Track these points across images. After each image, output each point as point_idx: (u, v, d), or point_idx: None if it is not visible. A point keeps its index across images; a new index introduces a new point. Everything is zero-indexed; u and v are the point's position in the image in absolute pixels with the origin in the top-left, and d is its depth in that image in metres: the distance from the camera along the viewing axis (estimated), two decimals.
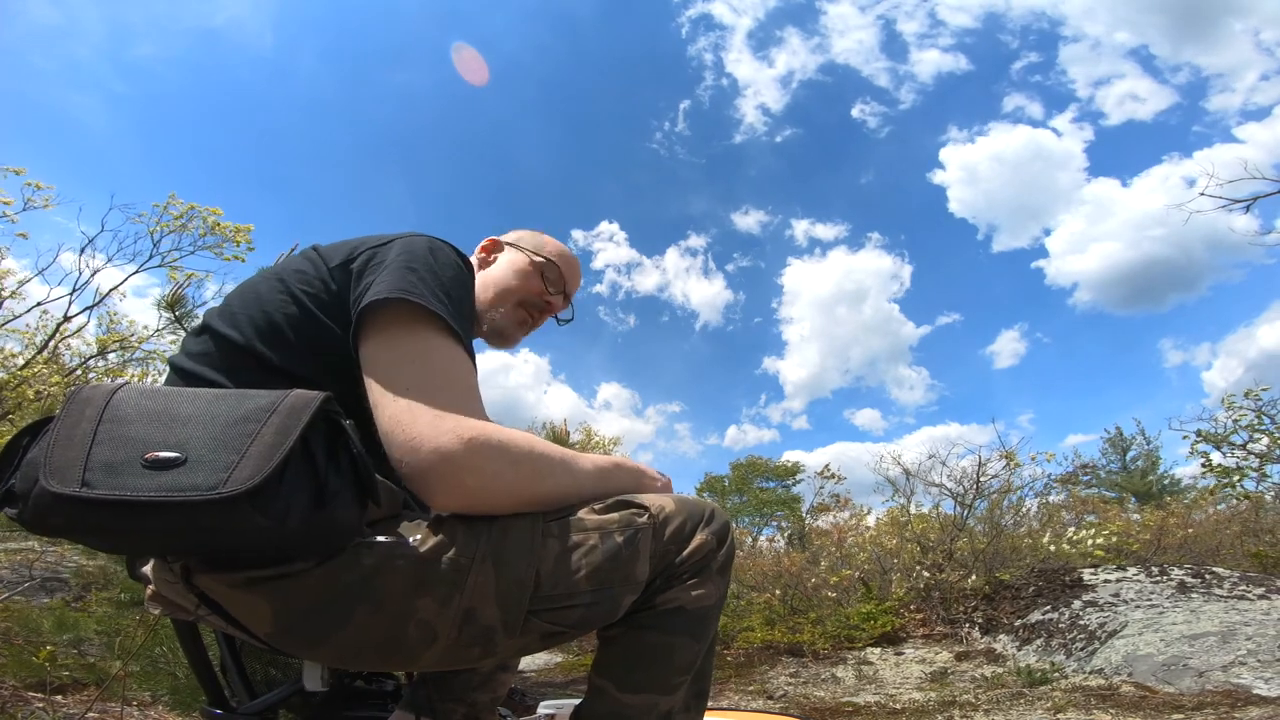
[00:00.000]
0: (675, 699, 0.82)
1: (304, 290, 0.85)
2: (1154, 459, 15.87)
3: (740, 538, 8.98)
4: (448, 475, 0.72)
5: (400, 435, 0.73)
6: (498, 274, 1.15)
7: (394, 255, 0.84)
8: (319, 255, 0.89)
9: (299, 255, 0.93)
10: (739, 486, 19.99)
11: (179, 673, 1.96)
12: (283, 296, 0.85)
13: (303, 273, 0.87)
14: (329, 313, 0.84)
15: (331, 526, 0.66)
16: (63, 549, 3.98)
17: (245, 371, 0.82)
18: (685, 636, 0.81)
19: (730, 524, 0.91)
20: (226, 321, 0.85)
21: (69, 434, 0.60)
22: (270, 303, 0.85)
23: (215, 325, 0.86)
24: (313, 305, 0.84)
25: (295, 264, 0.89)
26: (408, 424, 0.73)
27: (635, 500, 0.83)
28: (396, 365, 0.77)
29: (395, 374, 0.76)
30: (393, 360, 0.77)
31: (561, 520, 0.78)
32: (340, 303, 0.84)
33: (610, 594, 0.76)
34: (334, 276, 0.86)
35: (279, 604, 0.68)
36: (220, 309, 0.90)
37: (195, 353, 0.85)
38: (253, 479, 0.58)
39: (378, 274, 0.82)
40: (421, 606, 0.70)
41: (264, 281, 0.89)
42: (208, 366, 0.83)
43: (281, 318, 0.83)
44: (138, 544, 0.66)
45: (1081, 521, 6.28)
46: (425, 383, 0.76)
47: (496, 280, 1.14)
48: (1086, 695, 2.85)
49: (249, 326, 0.84)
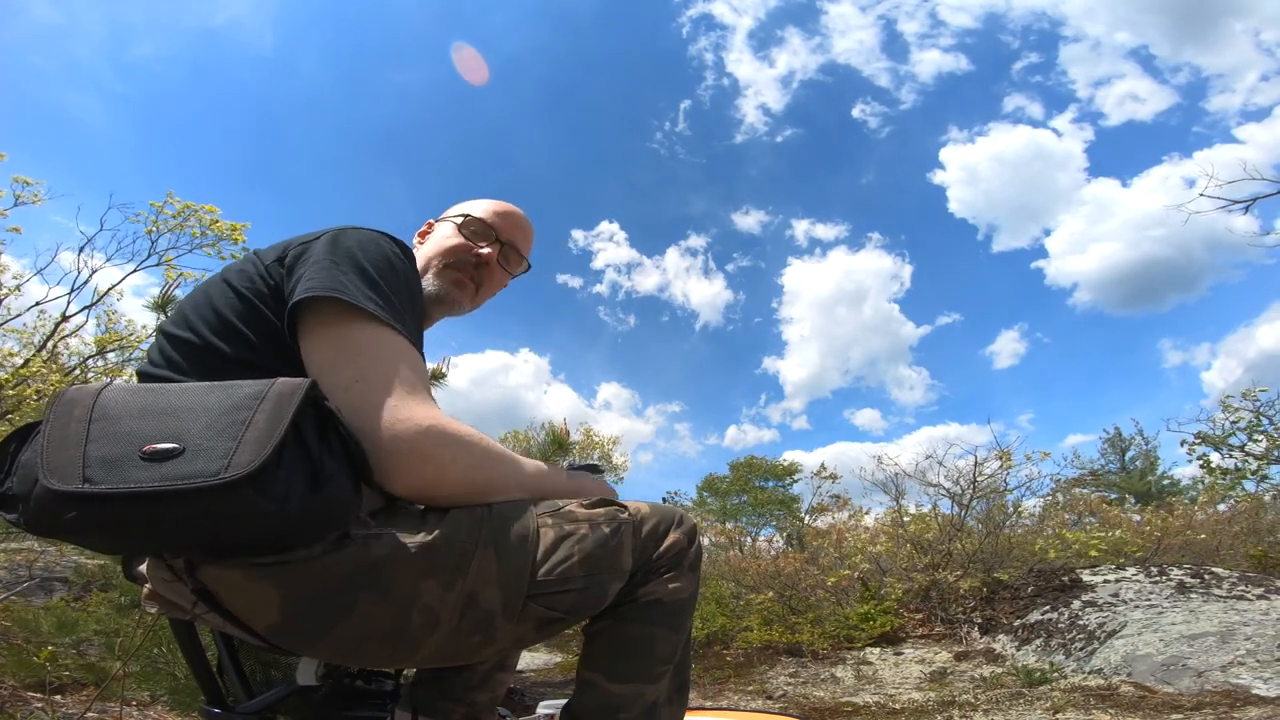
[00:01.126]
0: (660, 688, 0.89)
1: (246, 287, 0.86)
2: (1152, 459, 15.89)
3: (739, 538, 8.98)
4: (405, 462, 0.74)
5: (354, 428, 0.73)
6: (425, 247, 1.16)
7: (320, 251, 0.84)
8: (257, 256, 0.91)
9: (241, 259, 0.94)
10: (739, 486, 20.00)
11: (178, 672, 1.96)
12: (229, 294, 0.86)
13: (244, 272, 0.88)
14: (271, 307, 0.85)
15: (330, 508, 0.67)
16: (62, 549, 3.98)
17: (209, 369, 0.82)
18: (664, 627, 0.89)
19: (696, 526, 1.00)
20: (181, 326, 0.86)
21: (61, 435, 0.60)
22: (219, 301, 0.86)
23: (170, 330, 0.87)
24: (256, 300, 0.85)
25: (236, 266, 0.91)
26: (361, 417, 0.74)
27: (615, 500, 0.91)
28: (336, 362, 0.77)
29: (336, 371, 0.77)
30: (332, 358, 0.78)
31: (555, 511, 0.85)
32: (279, 298, 0.85)
33: (600, 580, 0.82)
34: (270, 273, 0.86)
35: (285, 590, 0.69)
36: (173, 316, 0.91)
37: (157, 360, 0.86)
38: (253, 463, 0.58)
39: (304, 269, 0.83)
40: (425, 590, 0.72)
41: (211, 285, 0.90)
42: (170, 370, 0.83)
43: (231, 313, 0.84)
44: (141, 537, 0.66)
45: (1082, 522, 6.29)
46: (368, 376, 0.77)
47: (424, 252, 1.15)
48: (1086, 695, 2.85)
49: (202, 325, 0.84)
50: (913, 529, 5.55)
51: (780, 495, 19.32)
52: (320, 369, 0.78)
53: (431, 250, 1.14)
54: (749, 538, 9.43)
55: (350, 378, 0.76)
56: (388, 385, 0.77)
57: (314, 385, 0.68)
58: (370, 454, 0.73)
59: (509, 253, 1.19)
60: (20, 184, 4.15)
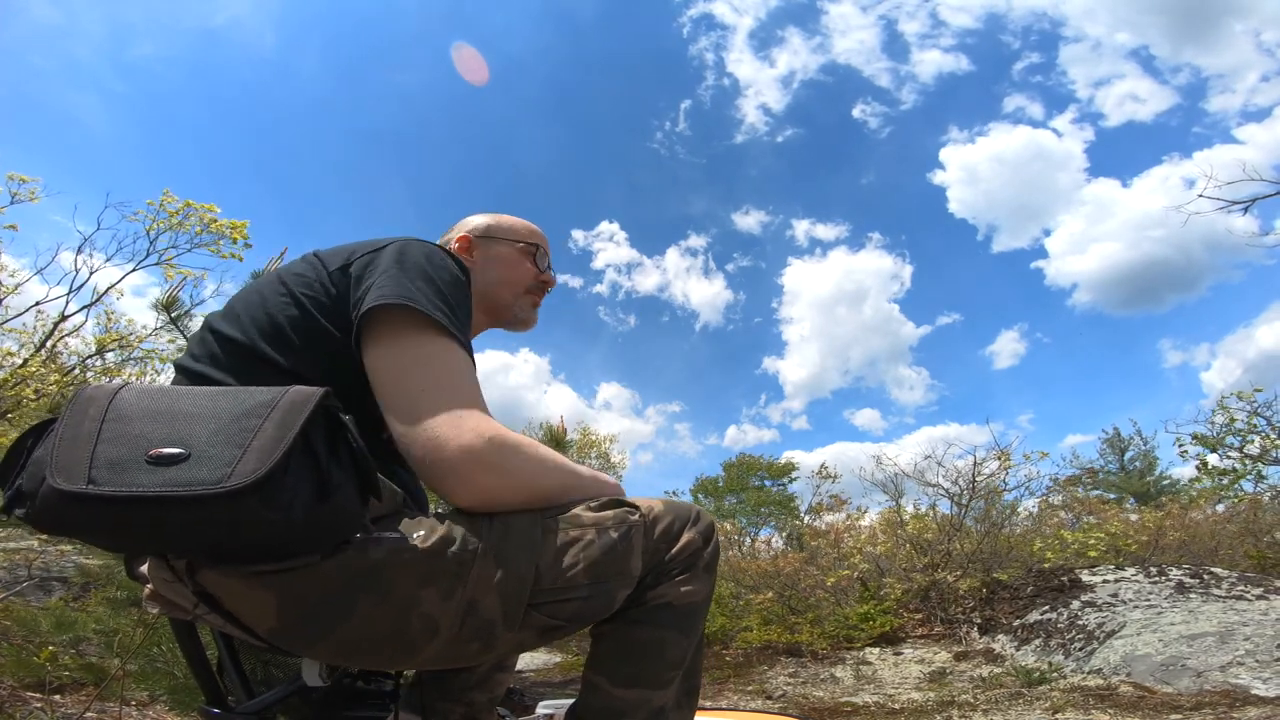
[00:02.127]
0: (668, 694, 0.85)
1: (304, 293, 0.86)
2: (1151, 460, 15.91)
3: (738, 538, 8.99)
4: (472, 472, 0.76)
5: (421, 436, 0.76)
6: (499, 270, 1.17)
7: (390, 260, 0.86)
8: (319, 260, 0.91)
9: (300, 260, 0.94)
10: (734, 486, 19.97)
11: (178, 672, 1.96)
12: (284, 298, 0.86)
13: (303, 276, 0.89)
14: (328, 316, 0.86)
15: (335, 519, 0.67)
16: (62, 548, 3.98)
17: (250, 371, 0.83)
18: (674, 631, 0.85)
19: (715, 525, 0.95)
20: (230, 323, 0.87)
21: (73, 433, 0.61)
22: (272, 304, 0.86)
23: (218, 326, 0.87)
24: (312, 308, 0.86)
25: (296, 268, 0.91)
26: (428, 425, 0.76)
27: (627, 500, 0.87)
28: (405, 370, 0.79)
29: (405, 378, 0.79)
30: (401, 365, 0.80)
31: (560, 516, 0.81)
32: (339, 306, 0.86)
33: (606, 588, 0.79)
34: (333, 280, 0.87)
35: (285, 597, 0.69)
36: (223, 311, 0.91)
37: (199, 354, 0.86)
38: (257, 472, 0.58)
39: (374, 278, 0.84)
40: (425, 598, 0.72)
41: (266, 284, 0.90)
42: (213, 367, 0.84)
43: (284, 319, 0.85)
44: (143, 540, 0.66)
45: (1080, 522, 6.29)
46: (436, 385, 0.79)
47: (501, 277, 1.17)
48: (1085, 695, 2.85)
49: (252, 327, 0.85)
50: (911, 529, 5.55)
51: (778, 495, 19.30)
52: (388, 374, 0.79)
53: (511, 275, 1.18)
54: (748, 538, 9.43)
55: (418, 386, 0.78)
56: (455, 396, 0.79)
57: (327, 394, 0.68)
58: (435, 464, 0.75)
59: None
60: (16, 181, 4.15)
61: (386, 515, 0.78)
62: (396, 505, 0.81)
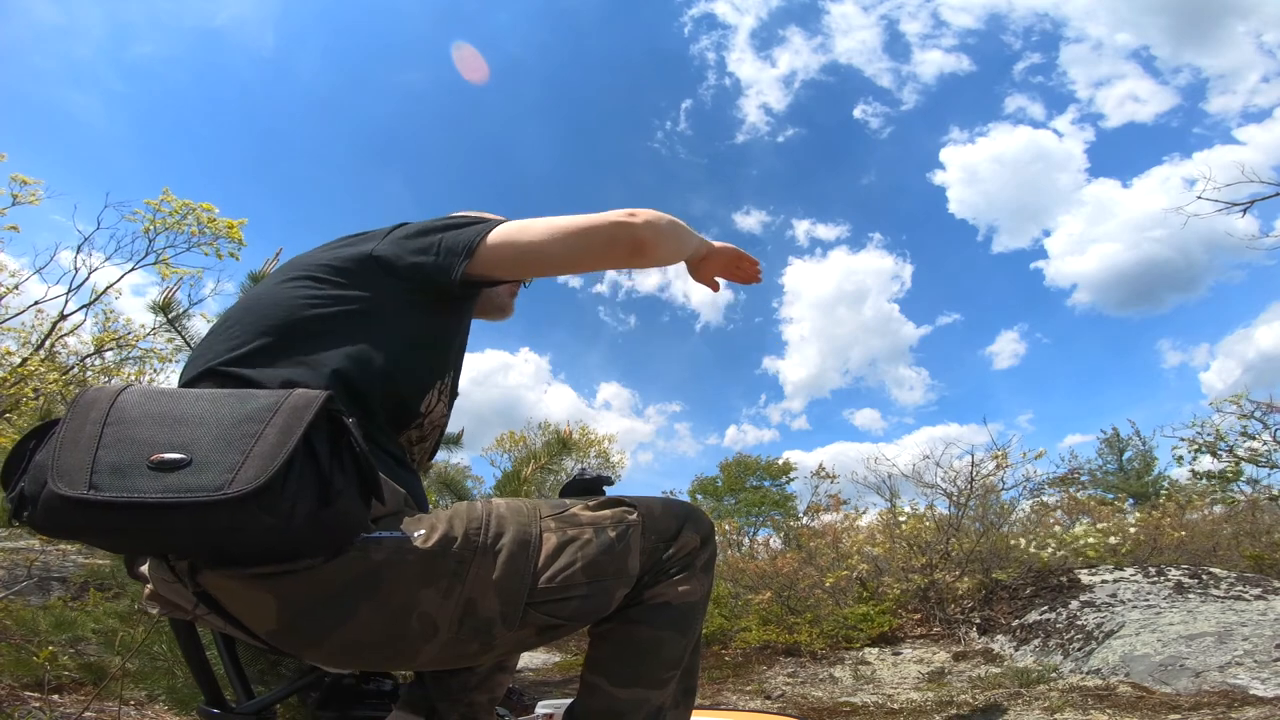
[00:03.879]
0: (666, 694, 0.86)
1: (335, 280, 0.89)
2: (1149, 460, 15.89)
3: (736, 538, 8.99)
4: (653, 233, 0.94)
5: (588, 232, 0.91)
6: None
7: (434, 222, 0.96)
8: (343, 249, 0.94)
9: (319, 250, 0.96)
10: (732, 486, 19.95)
11: (177, 671, 1.96)
12: (315, 287, 0.88)
13: (328, 265, 0.90)
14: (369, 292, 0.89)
15: (337, 523, 0.67)
16: (62, 549, 3.97)
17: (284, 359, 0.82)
18: (672, 631, 0.85)
19: (713, 525, 0.96)
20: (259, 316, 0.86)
21: (75, 437, 0.61)
22: (304, 292, 0.87)
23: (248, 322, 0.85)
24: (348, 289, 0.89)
25: (323, 257, 0.92)
26: (585, 225, 0.91)
27: (625, 500, 0.88)
28: (531, 231, 0.92)
29: (547, 232, 0.92)
30: (527, 233, 0.92)
31: (558, 516, 0.82)
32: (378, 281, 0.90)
33: (604, 586, 0.79)
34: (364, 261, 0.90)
35: (285, 599, 0.69)
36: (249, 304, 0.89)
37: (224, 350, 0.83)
38: (258, 478, 0.58)
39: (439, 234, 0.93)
40: (424, 598, 0.72)
41: (286, 277, 0.90)
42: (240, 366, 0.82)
43: (321, 304, 0.87)
44: (145, 544, 0.66)
45: (1077, 522, 6.29)
46: (551, 221, 0.92)
47: None
48: (1084, 695, 2.85)
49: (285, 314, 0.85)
50: (908, 529, 5.55)
51: (776, 495, 19.28)
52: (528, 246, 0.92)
53: None
54: (747, 539, 9.43)
55: (561, 225, 0.92)
56: (561, 218, 0.93)
57: (330, 398, 0.68)
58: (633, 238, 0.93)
59: None
60: (18, 183, 4.15)
61: (388, 515, 0.78)
62: (399, 505, 0.81)
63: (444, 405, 1.01)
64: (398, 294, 0.89)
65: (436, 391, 0.97)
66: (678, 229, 1.01)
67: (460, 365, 1.06)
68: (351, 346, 0.84)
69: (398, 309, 0.89)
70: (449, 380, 1.01)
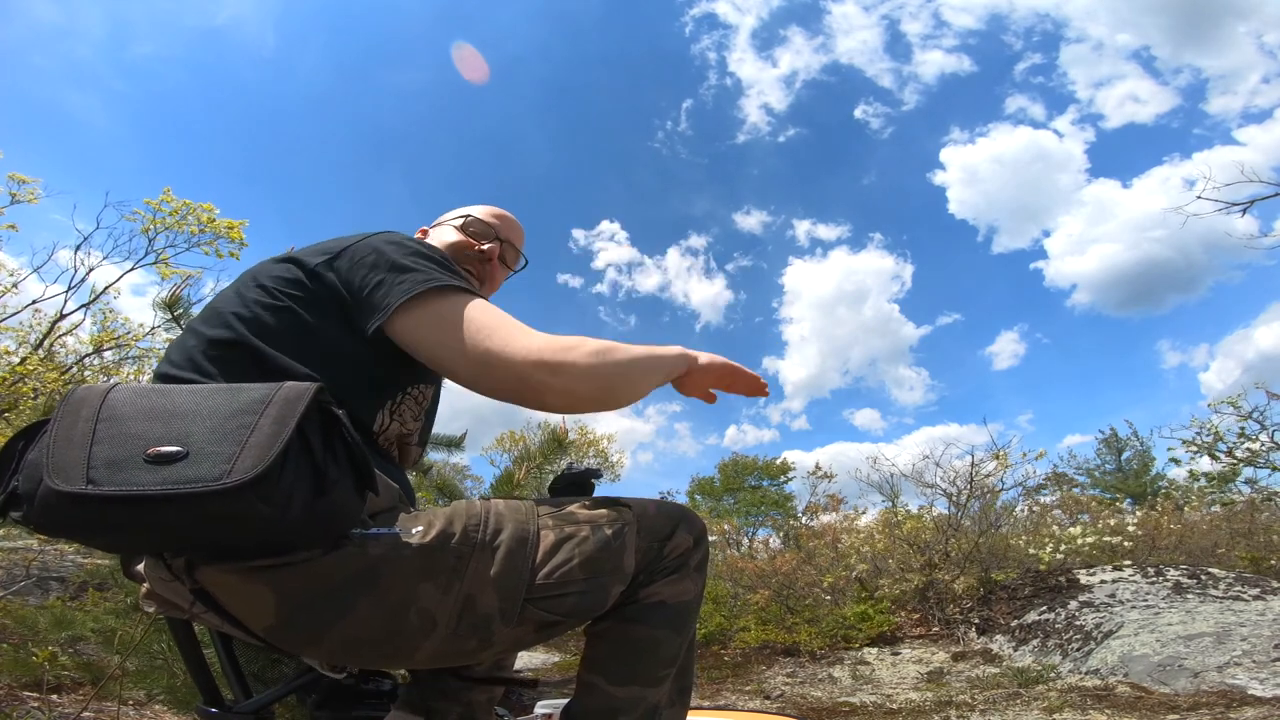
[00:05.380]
0: (662, 692, 0.87)
1: (286, 292, 0.88)
2: (1147, 460, 15.90)
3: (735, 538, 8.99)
4: (559, 379, 0.81)
5: (500, 364, 0.81)
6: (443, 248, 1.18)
7: (386, 248, 0.90)
8: (294, 262, 0.92)
9: (271, 261, 0.95)
10: (729, 486, 19.96)
11: (176, 670, 1.95)
12: (265, 297, 0.87)
13: (280, 277, 0.89)
14: (312, 310, 0.87)
15: (332, 514, 0.67)
16: (60, 549, 3.97)
17: (237, 367, 0.83)
18: (668, 630, 0.87)
19: (705, 526, 0.97)
20: (213, 323, 0.87)
21: (67, 434, 0.61)
22: (253, 303, 0.87)
23: (200, 329, 0.87)
24: (297, 306, 0.87)
25: (269, 270, 0.92)
26: (502, 352, 0.81)
27: (621, 500, 0.89)
28: (458, 325, 0.84)
29: (461, 330, 0.83)
30: (453, 324, 0.84)
31: (555, 512, 0.83)
32: (322, 301, 0.88)
33: (601, 583, 0.80)
34: (313, 278, 0.89)
35: (283, 592, 0.69)
36: (202, 315, 0.91)
37: (180, 361, 0.86)
38: (256, 468, 0.59)
39: (380, 271, 0.87)
40: (423, 594, 0.72)
41: (242, 286, 0.91)
42: (195, 372, 0.83)
43: (269, 315, 0.86)
44: (143, 539, 0.66)
45: (1075, 521, 6.29)
46: (492, 325, 0.84)
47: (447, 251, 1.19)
48: (1082, 695, 2.86)
49: (239, 324, 0.85)
50: (907, 529, 5.55)
51: (774, 495, 19.29)
52: (444, 334, 0.84)
53: (453, 251, 1.17)
54: (745, 538, 9.43)
55: (477, 330, 0.83)
56: (511, 328, 0.84)
57: (321, 390, 0.68)
58: (525, 382, 0.81)
59: (508, 250, 1.25)
60: (16, 182, 4.14)
61: (384, 511, 0.78)
62: (394, 500, 0.82)
63: (399, 425, 0.98)
64: (331, 311, 0.89)
65: (387, 411, 0.95)
66: (633, 367, 0.89)
67: (425, 386, 1.02)
68: (300, 358, 0.85)
69: (332, 324, 0.88)
70: (402, 400, 0.97)
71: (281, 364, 0.83)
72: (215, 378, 0.82)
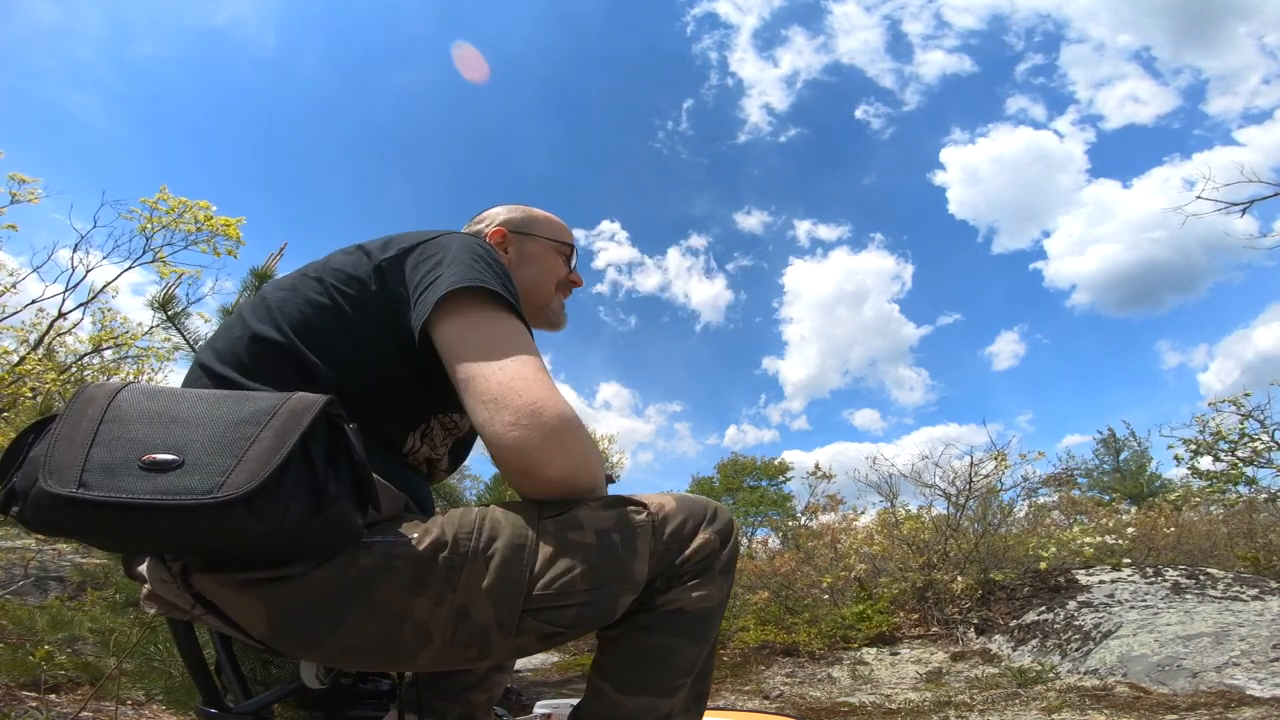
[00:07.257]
0: (675, 701, 0.81)
1: (341, 289, 0.86)
2: (1145, 460, 15.92)
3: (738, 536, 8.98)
4: (565, 441, 0.75)
5: (517, 400, 0.74)
6: (536, 267, 1.15)
7: (456, 248, 0.87)
8: (363, 251, 0.90)
9: (341, 252, 0.93)
10: (728, 486, 19.96)
11: (174, 670, 1.95)
12: (319, 295, 0.85)
13: (341, 271, 0.87)
14: (362, 314, 0.85)
15: (329, 531, 0.65)
16: (60, 548, 3.97)
17: (276, 368, 0.81)
18: (686, 639, 0.80)
19: (734, 523, 0.89)
20: (260, 316, 0.85)
21: (70, 433, 0.60)
22: (305, 301, 0.85)
23: (250, 319, 0.85)
24: (346, 304, 0.85)
25: (336, 260, 0.90)
26: (524, 389, 0.75)
27: (634, 498, 0.82)
28: (493, 340, 0.79)
29: (493, 348, 0.78)
30: (489, 336, 0.80)
31: (557, 518, 0.77)
32: (383, 299, 0.85)
33: (607, 593, 0.74)
34: (380, 271, 0.87)
35: (274, 606, 0.68)
36: (252, 304, 0.89)
37: (224, 350, 0.84)
38: (249, 484, 0.57)
39: (442, 267, 0.84)
40: (416, 606, 0.70)
41: (300, 278, 0.89)
42: (234, 366, 0.82)
43: (317, 317, 0.84)
44: (135, 544, 0.66)
45: (1074, 521, 6.30)
46: (524, 356, 0.79)
47: (539, 273, 1.15)
48: (1081, 696, 2.86)
49: (284, 322, 0.83)
50: (906, 529, 5.56)
51: (773, 495, 19.30)
52: (474, 345, 0.79)
53: (546, 274, 1.15)
54: (745, 538, 9.44)
55: (508, 354, 0.78)
56: (541, 371, 0.78)
57: (331, 402, 0.67)
58: (535, 429, 0.73)
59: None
60: (17, 182, 4.14)
61: (385, 520, 0.76)
62: (397, 509, 0.79)
63: (429, 449, 0.96)
64: (382, 317, 0.86)
65: (418, 434, 0.93)
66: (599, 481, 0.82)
67: (459, 416, 0.97)
68: (338, 366, 0.83)
69: (380, 333, 0.86)
70: (434, 424, 0.95)
71: (318, 372, 0.81)
72: (256, 375, 0.81)
